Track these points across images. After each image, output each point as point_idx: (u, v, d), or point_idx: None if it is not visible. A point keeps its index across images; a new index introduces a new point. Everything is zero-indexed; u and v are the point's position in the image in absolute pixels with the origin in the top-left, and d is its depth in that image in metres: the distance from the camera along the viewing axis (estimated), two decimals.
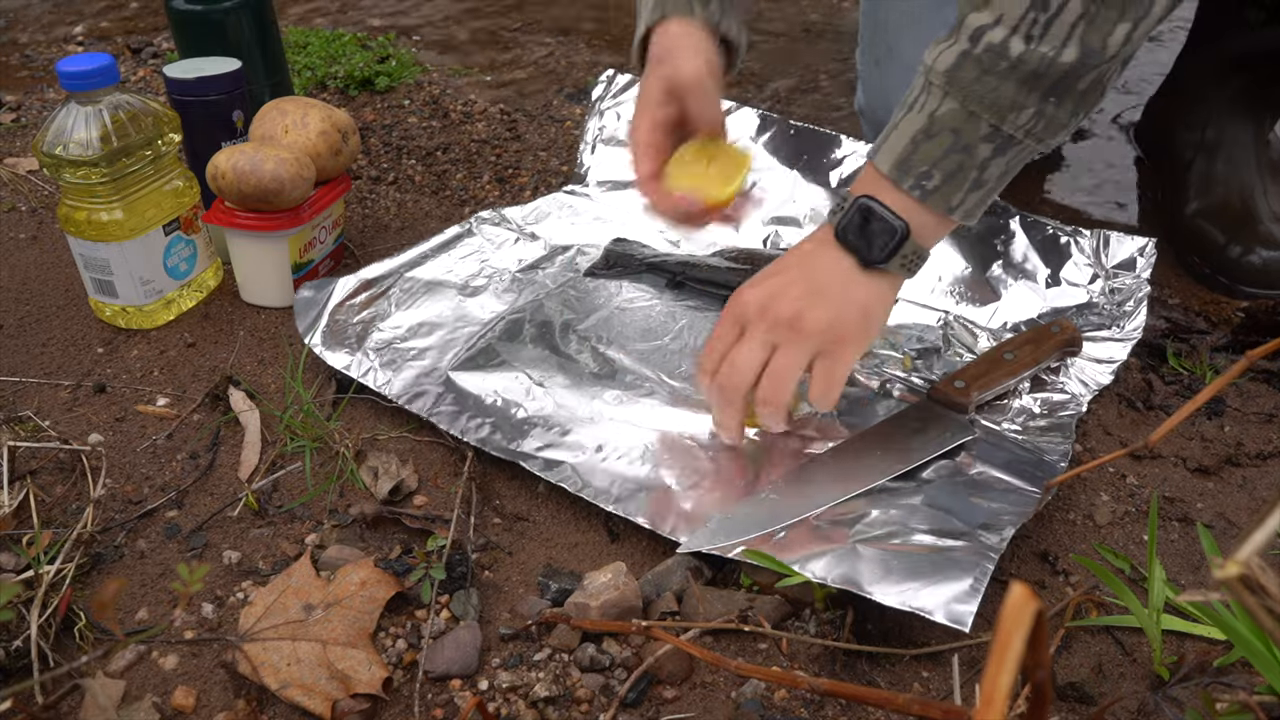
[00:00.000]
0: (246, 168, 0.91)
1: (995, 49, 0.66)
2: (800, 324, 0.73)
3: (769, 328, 0.73)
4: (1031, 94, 0.67)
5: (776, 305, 0.73)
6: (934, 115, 0.69)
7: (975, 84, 0.67)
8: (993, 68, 0.67)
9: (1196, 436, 0.85)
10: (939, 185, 0.71)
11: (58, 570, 0.69)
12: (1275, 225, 1.04)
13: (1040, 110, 0.68)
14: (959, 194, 0.71)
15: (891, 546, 0.68)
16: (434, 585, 0.69)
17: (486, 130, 1.40)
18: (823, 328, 0.73)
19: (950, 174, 0.70)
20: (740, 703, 0.63)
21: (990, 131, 0.69)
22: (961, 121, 0.69)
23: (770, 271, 0.76)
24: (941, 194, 0.71)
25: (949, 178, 0.70)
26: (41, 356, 0.94)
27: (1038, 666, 0.33)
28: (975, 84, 0.67)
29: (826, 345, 0.73)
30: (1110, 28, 0.65)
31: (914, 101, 0.71)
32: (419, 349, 0.90)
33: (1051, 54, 0.65)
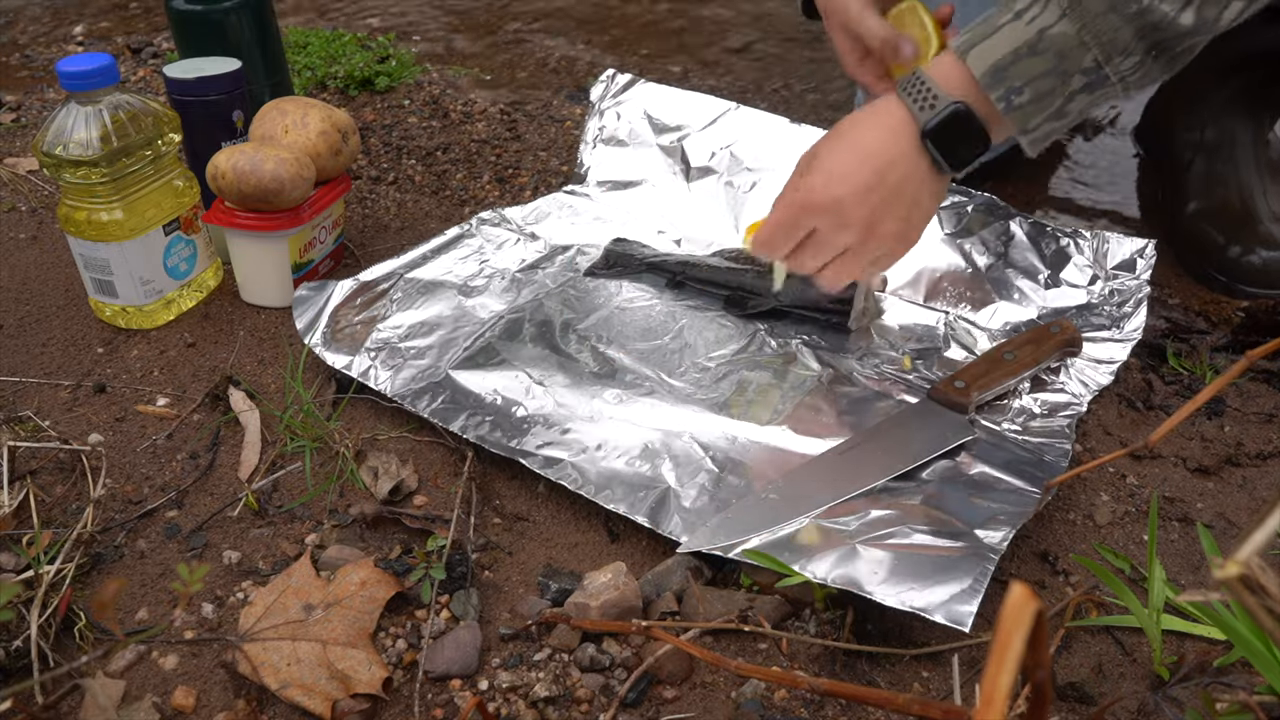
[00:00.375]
0: (246, 168, 0.91)
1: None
2: (878, 230, 0.74)
3: (843, 227, 0.74)
4: (1142, 43, 0.68)
5: (854, 205, 0.73)
6: (1044, 32, 0.69)
7: (1100, 18, 0.67)
8: (1122, 7, 0.67)
9: (1196, 436, 0.85)
10: (1025, 103, 0.70)
11: (58, 570, 0.69)
12: (1275, 225, 1.04)
13: (1142, 61, 0.69)
14: (1039, 118, 0.71)
15: (891, 546, 0.68)
16: (434, 585, 0.69)
17: (486, 130, 1.40)
18: (894, 236, 0.75)
19: (1040, 95, 0.70)
20: (740, 703, 0.63)
21: (1092, 66, 0.69)
22: (1072, 46, 0.68)
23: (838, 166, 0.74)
24: (1025, 112, 0.71)
25: (1038, 98, 0.70)
26: (41, 356, 0.94)
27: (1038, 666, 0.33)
28: (1100, 18, 0.67)
29: (892, 248, 0.76)
30: (1227, 3, 0.66)
31: (1023, 10, 0.69)
32: (419, 348, 0.90)
33: (1173, 14, 0.66)
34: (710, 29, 1.78)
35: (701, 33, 1.77)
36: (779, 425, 0.82)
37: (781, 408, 0.84)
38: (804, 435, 0.81)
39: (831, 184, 0.74)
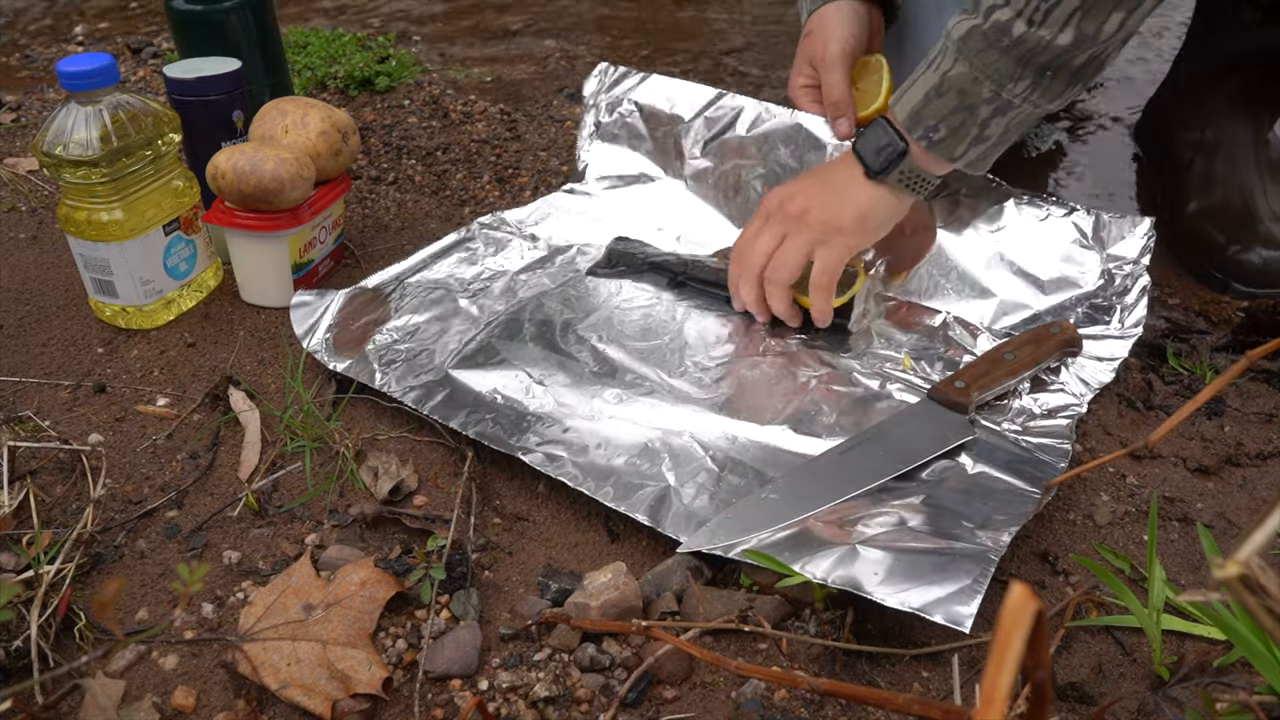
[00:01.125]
0: (246, 168, 0.91)
1: (1000, 27, 0.76)
2: (806, 216, 0.87)
3: (781, 219, 0.89)
4: (1028, 68, 0.77)
5: (791, 202, 0.89)
6: (946, 75, 0.80)
7: (980, 55, 0.78)
8: (996, 43, 0.77)
9: (1196, 436, 0.85)
10: (944, 138, 0.82)
11: (58, 570, 0.69)
12: (1275, 225, 1.04)
13: (1036, 82, 0.78)
14: (961, 146, 0.82)
15: (891, 547, 0.68)
16: (434, 585, 0.69)
17: (486, 130, 1.40)
18: (823, 220, 0.87)
19: (954, 129, 0.81)
20: (740, 703, 0.63)
21: (991, 95, 0.79)
22: (967, 84, 0.79)
23: (799, 177, 0.93)
24: (946, 145, 0.82)
25: (953, 132, 0.81)
26: (41, 356, 0.94)
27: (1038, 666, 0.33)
28: (980, 55, 0.78)
29: (825, 235, 0.87)
30: (1105, 16, 0.74)
31: (933, 60, 0.81)
32: (419, 348, 0.90)
33: (1049, 37, 0.75)
34: (711, 29, 1.78)
35: (702, 33, 1.77)
36: (779, 425, 0.82)
37: (781, 408, 0.84)
38: (804, 435, 0.81)
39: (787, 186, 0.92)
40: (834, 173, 0.89)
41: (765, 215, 0.91)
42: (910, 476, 0.76)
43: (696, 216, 1.10)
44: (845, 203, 0.87)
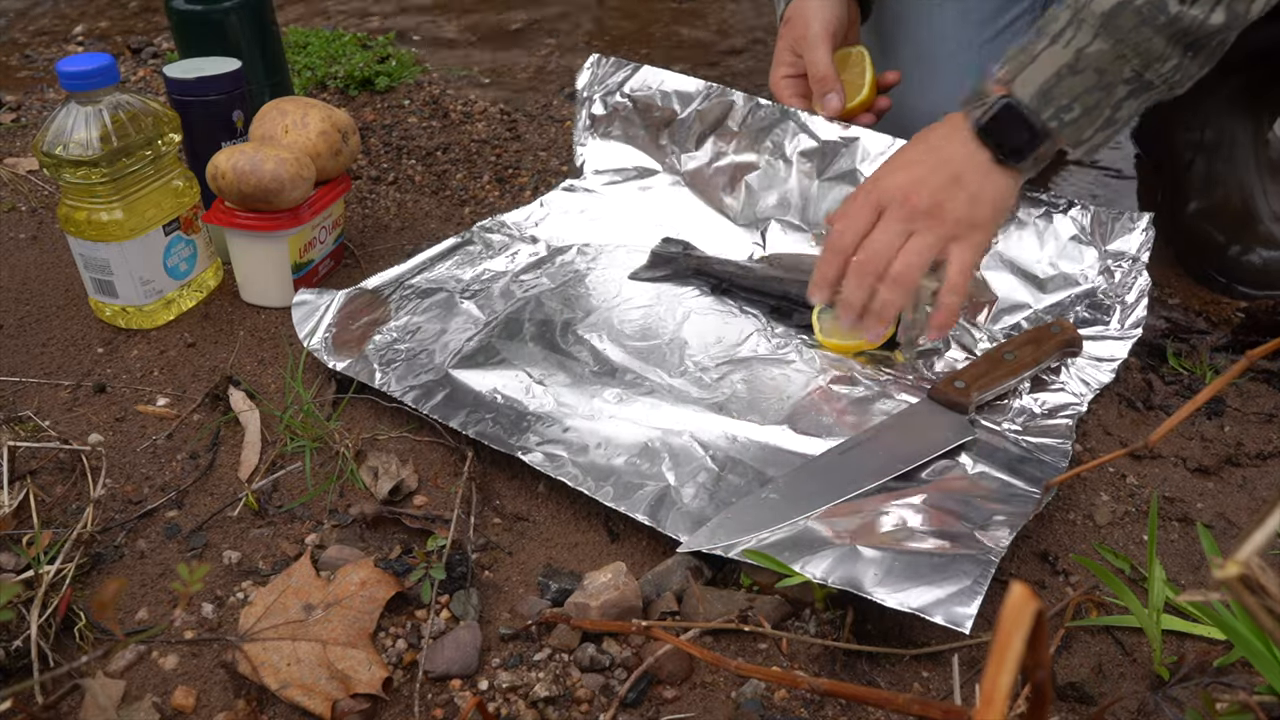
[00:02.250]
0: (246, 168, 0.91)
1: (1156, 4, 0.73)
2: (939, 212, 0.79)
3: (906, 213, 0.79)
4: (1176, 47, 0.74)
5: (917, 193, 0.79)
6: (1082, 51, 0.75)
7: (1132, 32, 0.74)
8: (1151, 20, 0.73)
9: (1196, 436, 0.85)
10: (1077, 118, 0.77)
11: (58, 570, 0.69)
12: (1275, 225, 1.04)
13: (1180, 63, 0.75)
14: (1091, 129, 0.78)
15: (891, 547, 0.68)
16: (434, 585, 0.69)
17: (486, 130, 1.40)
18: (959, 216, 0.79)
19: (1088, 109, 0.76)
20: (740, 703, 0.63)
21: (1133, 76, 0.75)
22: (1108, 62, 0.75)
23: (906, 160, 0.82)
24: (1076, 126, 0.77)
25: (1086, 112, 0.77)
26: (41, 356, 0.94)
27: (1038, 666, 0.33)
28: (1132, 32, 0.74)
29: (961, 232, 0.79)
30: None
31: (1059, 34, 0.76)
32: (419, 348, 0.90)
33: (1202, 17, 0.72)
34: (711, 29, 1.78)
35: (702, 33, 1.77)
36: (779, 425, 0.82)
37: (781, 407, 0.84)
38: (804, 435, 0.81)
39: (896, 173, 0.81)
40: (953, 157, 0.80)
41: (876, 205, 0.81)
42: (910, 476, 0.76)
43: (693, 212, 1.10)
44: (980, 194, 0.79)
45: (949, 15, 1.06)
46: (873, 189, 0.82)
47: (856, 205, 0.82)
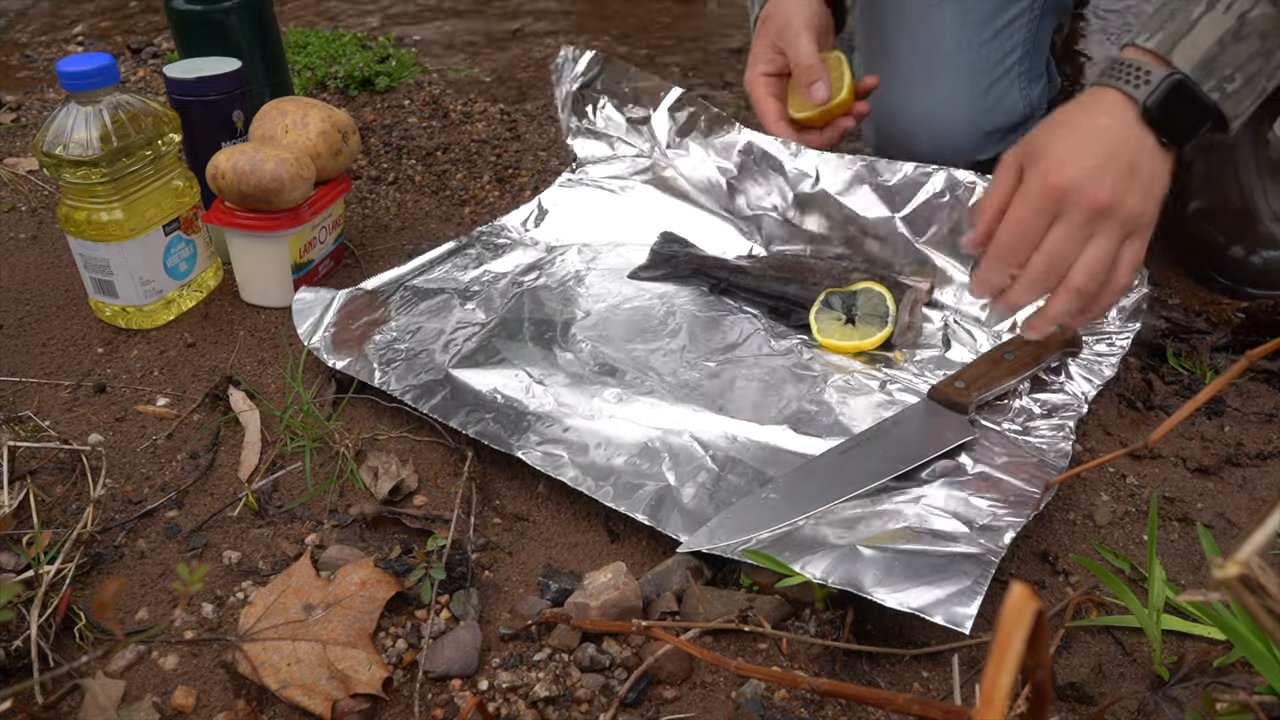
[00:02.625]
0: (246, 168, 0.91)
1: None
2: (1119, 209, 0.71)
3: (1088, 216, 0.71)
4: None
5: (1098, 191, 0.71)
6: (1245, 16, 0.70)
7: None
8: None
9: (1196, 436, 0.85)
10: (1238, 89, 0.71)
11: (58, 570, 0.69)
12: (1275, 225, 1.04)
13: None
14: (1249, 100, 0.72)
15: (891, 547, 0.68)
16: (434, 585, 0.69)
17: (486, 130, 1.40)
18: (1137, 212, 0.72)
19: (1250, 78, 0.71)
20: (740, 703, 0.63)
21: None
22: (1273, 26, 0.70)
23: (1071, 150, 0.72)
24: (1237, 97, 0.71)
25: (1248, 81, 0.71)
26: (41, 356, 0.94)
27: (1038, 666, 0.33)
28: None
29: (1137, 228, 0.73)
30: None
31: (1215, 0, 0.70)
32: (419, 347, 0.90)
33: None
34: (711, 29, 1.78)
35: (702, 32, 1.77)
36: (779, 425, 0.82)
37: (781, 408, 0.84)
38: (804, 435, 0.81)
39: (1066, 166, 0.71)
40: (1121, 144, 0.72)
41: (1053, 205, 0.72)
42: (910, 476, 0.76)
43: (694, 214, 1.10)
44: (1152, 184, 0.72)
45: (948, 15, 1.06)
46: (1042, 185, 0.72)
47: (1029, 208, 0.73)
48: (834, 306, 0.92)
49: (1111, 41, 1.64)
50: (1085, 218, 0.71)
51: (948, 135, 1.08)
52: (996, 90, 1.09)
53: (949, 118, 1.08)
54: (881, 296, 0.91)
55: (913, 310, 0.92)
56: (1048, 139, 0.74)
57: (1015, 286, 0.75)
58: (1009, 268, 0.74)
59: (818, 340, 0.91)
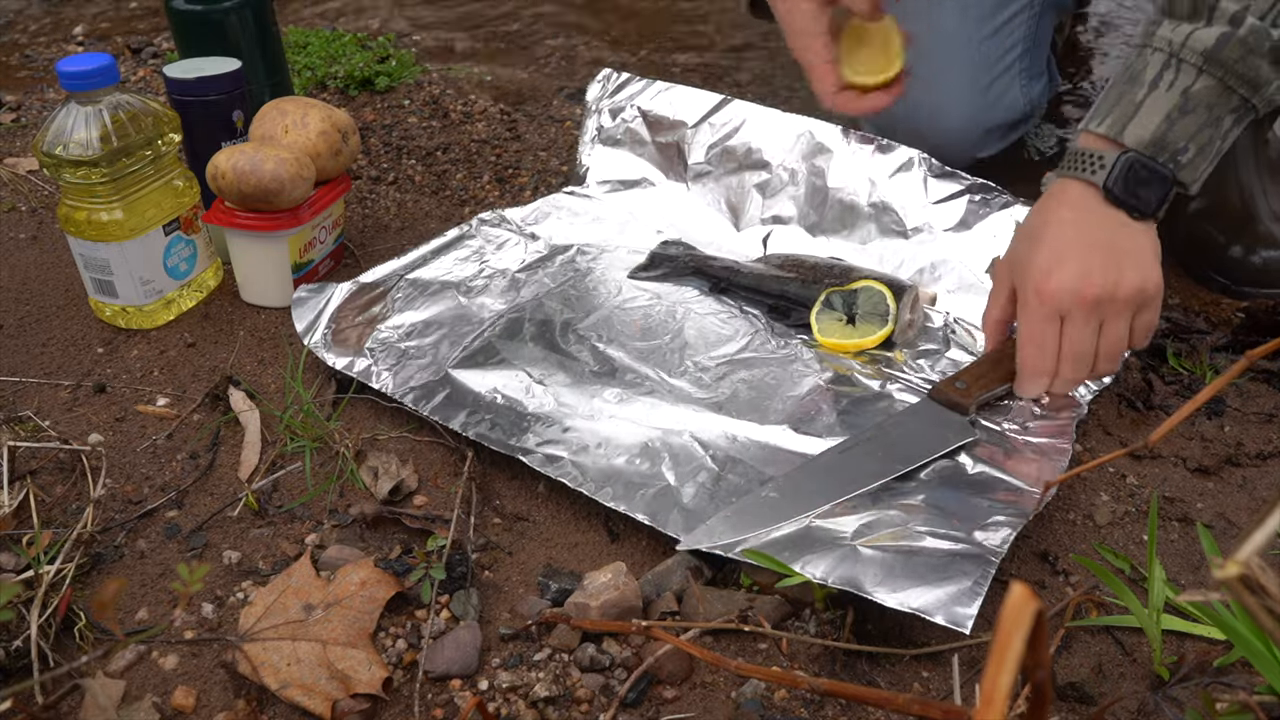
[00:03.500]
0: (246, 168, 0.91)
1: (1258, 32, 0.72)
2: (1118, 295, 0.76)
3: (1090, 310, 0.76)
4: (1277, 69, 0.74)
5: (1089, 287, 0.75)
6: (1188, 92, 0.74)
7: (1238, 64, 0.73)
8: (1257, 49, 0.73)
9: (1196, 436, 0.85)
10: (1193, 158, 0.75)
11: (58, 570, 0.69)
12: (1275, 225, 1.04)
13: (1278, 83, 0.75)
14: (1204, 164, 0.76)
15: (891, 547, 0.68)
16: (434, 585, 0.69)
17: (486, 130, 1.40)
18: (1137, 290, 0.76)
19: (1202, 147, 0.75)
20: (740, 703, 0.63)
21: (1239, 104, 0.75)
22: (1216, 97, 0.74)
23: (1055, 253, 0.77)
24: (1192, 166, 0.76)
25: (1200, 150, 0.75)
26: (41, 356, 0.94)
27: (1038, 666, 0.33)
28: (1238, 64, 0.73)
29: (1143, 302, 0.77)
30: None
31: (1156, 80, 0.74)
32: (419, 348, 0.90)
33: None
34: (712, 28, 1.78)
35: (703, 32, 1.77)
36: (779, 425, 0.82)
37: (781, 408, 0.84)
38: (804, 435, 0.81)
39: (1052, 275, 0.76)
40: (1097, 231, 0.77)
41: (1056, 313, 0.77)
42: (910, 476, 0.76)
43: (698, 218, 1.10)
44: (1142, 259, 0.76)
45: (949, 11, 1.06)
46: (1040, 300, 0.77)
47: (1037, 325, 0.78)
48: (834, 306, 0.92)
49: (1112, 43, 1.64)
50: (1087, 314, 0.76)
51: (949, 132, 1.08)
52: (998, 87, 1.09)
53: (950, 114, 1.08)
54: (882, 295, 0.91)
55: (913, 308, 0.92)
56: (1028, 251, 0.79)
57: (1054, 387, 0.81)
58: (1043, 379, 0.80)
59: (818, 340, 0.91)
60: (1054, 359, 0.79)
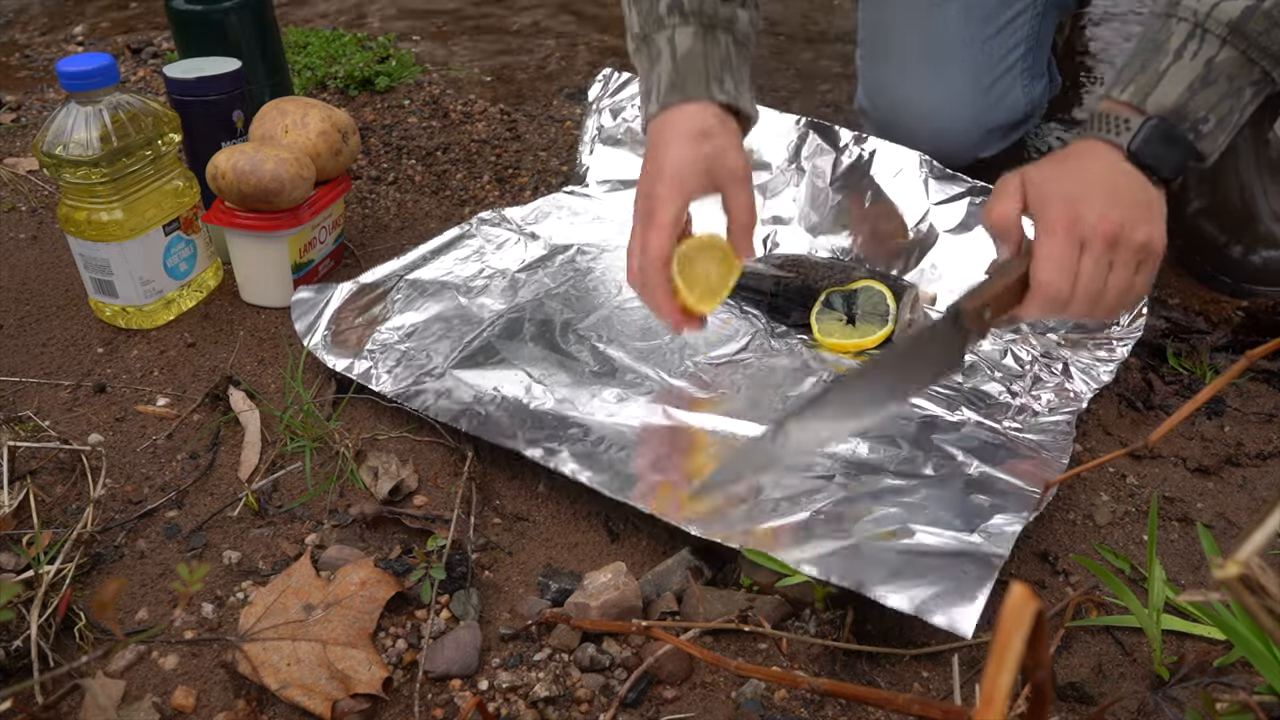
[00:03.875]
0: (246, 168, 0.91)
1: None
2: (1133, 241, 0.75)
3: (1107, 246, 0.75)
4: None
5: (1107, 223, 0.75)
6: (1211, 62, 0.74)
7: (1262, 36, 0.73)
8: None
9: (1196, 436, 0.85)
10: (1213, 129, 0.75)
11: (58, 570, 0.69)
12: (1275, 224, 1.04)
13: None
14: (1223, 135, 0.76)
15: (892, 547, 0.68)
16: (434, 585, 0.69)
17: (486, 130, 1.40)
18: (1147, 243, 0.76)
19: (1222, 118, 0.75)
20: (740, 703, 0.63)
21: (1261, 76, 0.74)
22: (1238, 68, 0.74)
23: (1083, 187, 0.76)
24: (1211, 137, 0.76)
25: (1220, 121, 0.75)
26: (41, 356, 0.94)
27: (1038, 666, 0.33)
28: (1262, 36, 0.73)
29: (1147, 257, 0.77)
30: None
31: (1181, 49, 0.75)
32: (419, 349, 0.90)
33: None
34: None
35: None
36: None
37: (781, 408, 0.84)
38: None
39: (1081, 199, 0.76)
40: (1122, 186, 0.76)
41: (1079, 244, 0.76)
42: (911, 475, 0.76)
43: (697, 218, 1.10)
44: (1157, 219, 0.76)
45: (952, 11, 1.06)
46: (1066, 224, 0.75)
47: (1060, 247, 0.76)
48: (835, 306, 0.92)
49: (1111, 42, 1.64)
50: (1104, 248, 0.75)
51: (950, 131, 1.08)
52: (999, 87, 1.09)
53: (952, 114, 1.08)
54: (882, 295, 0.91)
55: (913, 308, 0.92)
56: (1055, 177, 0.77)
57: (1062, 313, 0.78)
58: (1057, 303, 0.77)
59: (818, 340, 0.91)
60: (1071, 282, 0.76)
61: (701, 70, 0.80)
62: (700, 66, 0.80)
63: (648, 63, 0.82)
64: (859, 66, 1.16)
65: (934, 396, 0.85)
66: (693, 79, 0.80)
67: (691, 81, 0.80)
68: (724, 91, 0.80)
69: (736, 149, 0.79)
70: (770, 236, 1.06)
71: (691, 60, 0.80)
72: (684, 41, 0.80)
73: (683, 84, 0.80)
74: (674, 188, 0.78)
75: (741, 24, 0.83)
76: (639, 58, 0.84)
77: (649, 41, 0.82)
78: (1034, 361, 0.89)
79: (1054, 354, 0.89)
